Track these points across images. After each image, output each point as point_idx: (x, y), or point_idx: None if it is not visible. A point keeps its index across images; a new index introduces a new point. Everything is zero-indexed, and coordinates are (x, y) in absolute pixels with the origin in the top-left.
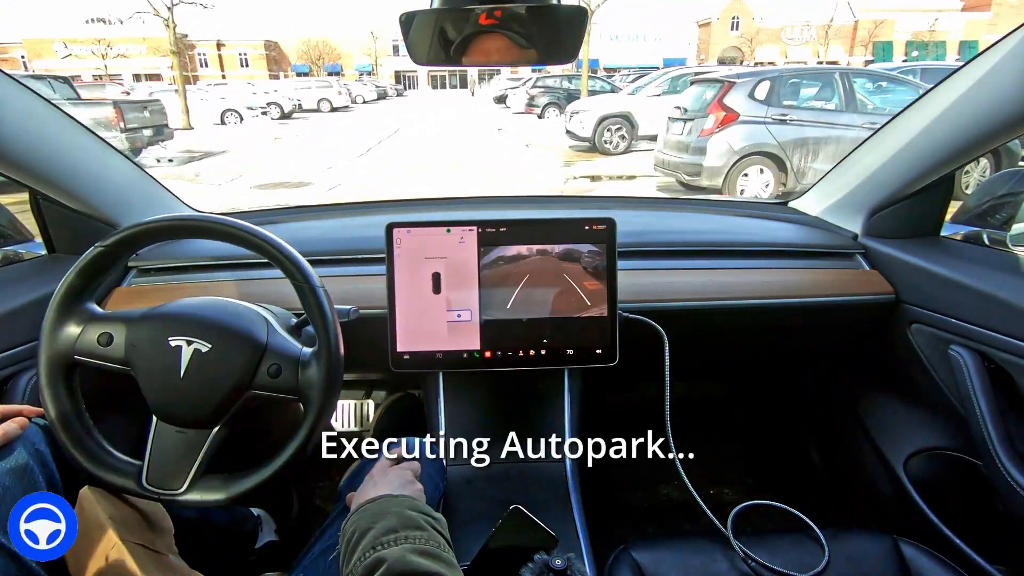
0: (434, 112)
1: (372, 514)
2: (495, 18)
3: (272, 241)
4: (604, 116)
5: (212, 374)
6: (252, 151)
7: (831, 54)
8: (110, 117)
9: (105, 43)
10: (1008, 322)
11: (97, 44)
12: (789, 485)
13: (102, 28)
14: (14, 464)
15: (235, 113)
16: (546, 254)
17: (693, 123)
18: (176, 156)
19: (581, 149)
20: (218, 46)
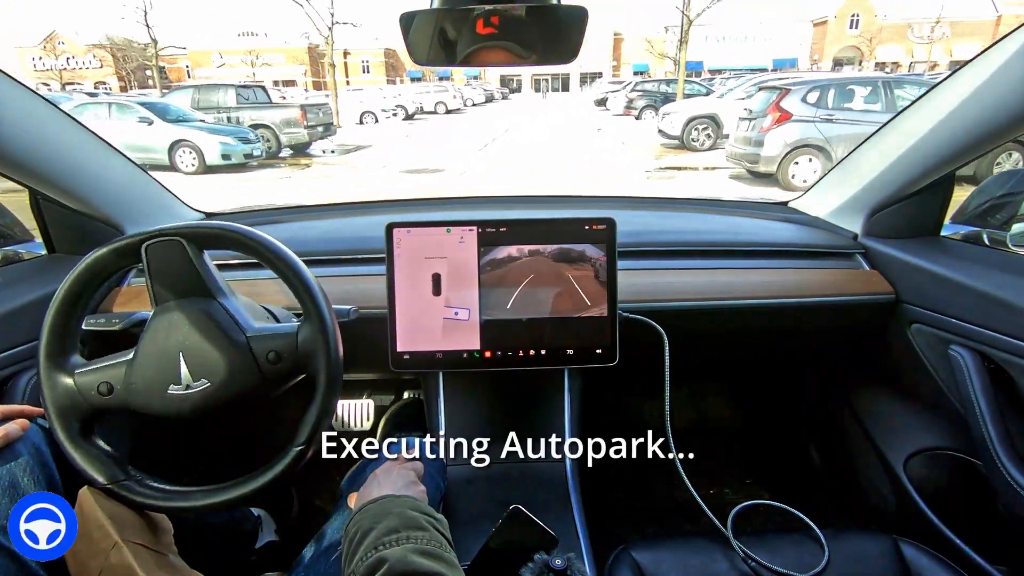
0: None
1: (374, 514)
2: (493, 26)
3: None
4: (692, 117)
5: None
6: (389, 146)
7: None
8: (297, 116)
9: (254, 54)
10: (1008, 322)
11: (247, 55)
12: (789, 485)
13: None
14: (14, 464)
15: (371, 114)
16: (546, 254)
17: (756, 121)
18: (336, 148)
19: (671, 146)
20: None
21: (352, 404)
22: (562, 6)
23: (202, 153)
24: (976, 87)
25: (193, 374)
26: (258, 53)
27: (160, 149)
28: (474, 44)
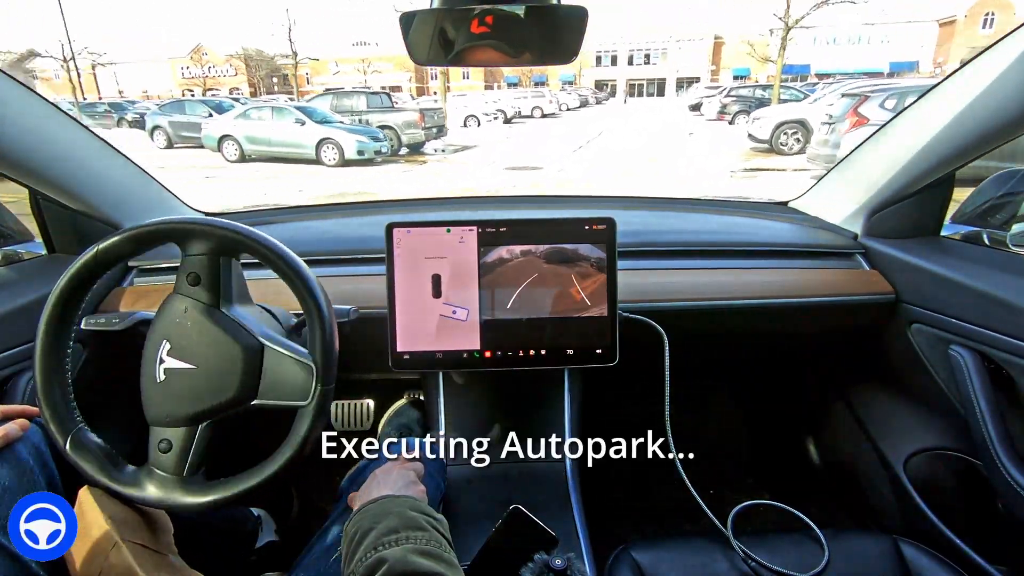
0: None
1: (374, 515)
2: (487, 25)
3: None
4: (781, 122)
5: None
6: (491, 146)
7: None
8: (416, 119)
9: (366, 62)
10: (1008, 322)
11: (360, 63)
12: (789, 485)
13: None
14: (14, 464)
15: (474, 118)
16: (546, 254)
17: (835, 126)
18: (446, 148)
19: (760, 150)
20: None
21: (352, 404)
22: (562, 6)
23: (342, 149)
24: (976, 87)
25: (176, 355)
26: (370, 61)
27: (309, 146)
28: (473, 44)
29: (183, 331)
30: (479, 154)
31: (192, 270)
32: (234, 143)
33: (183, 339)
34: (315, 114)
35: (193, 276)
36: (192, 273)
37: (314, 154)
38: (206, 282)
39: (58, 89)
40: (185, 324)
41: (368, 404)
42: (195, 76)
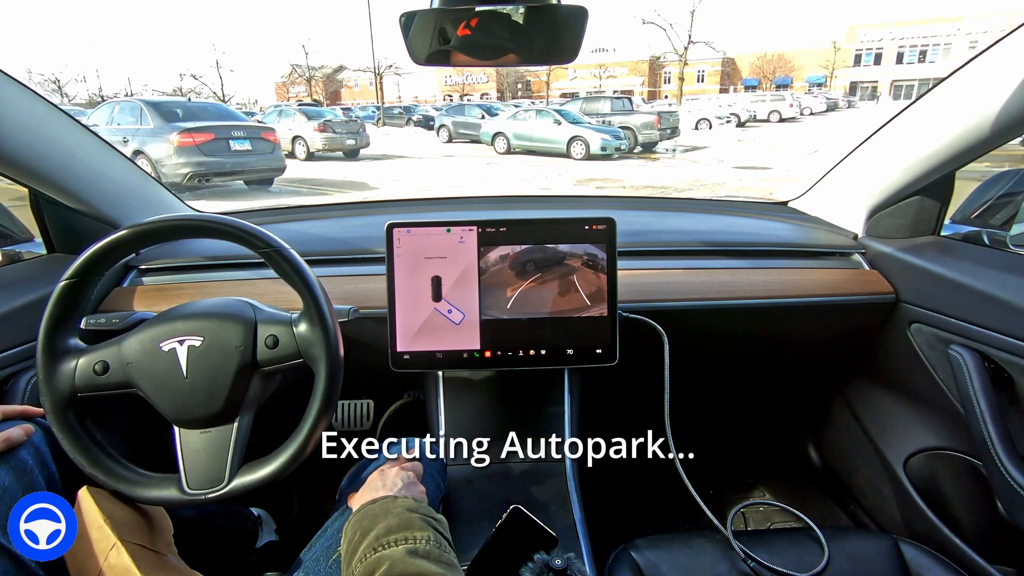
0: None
1: (374, 515)
2: (487, 25)
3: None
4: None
5: (213, 365)
6: (722, 148)
7: None
8: (653, 121)
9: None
10: (1008, 322)
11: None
12: (789, 485)
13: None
14: (14, 464)
15: (706, 121)
16: (546, 254)
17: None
18: (677, 147)
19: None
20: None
21: (352, 404)
22: (562, 6)
23: (588, 145)
24: (976, 87)
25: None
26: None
27: (561, 142)
28: (473, 44)
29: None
30: (710, 154)
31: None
32: (504, 139)
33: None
34: (568, 115)
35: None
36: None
37: (565, 149)
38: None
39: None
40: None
41: (368, 404)
42: (456, 83)
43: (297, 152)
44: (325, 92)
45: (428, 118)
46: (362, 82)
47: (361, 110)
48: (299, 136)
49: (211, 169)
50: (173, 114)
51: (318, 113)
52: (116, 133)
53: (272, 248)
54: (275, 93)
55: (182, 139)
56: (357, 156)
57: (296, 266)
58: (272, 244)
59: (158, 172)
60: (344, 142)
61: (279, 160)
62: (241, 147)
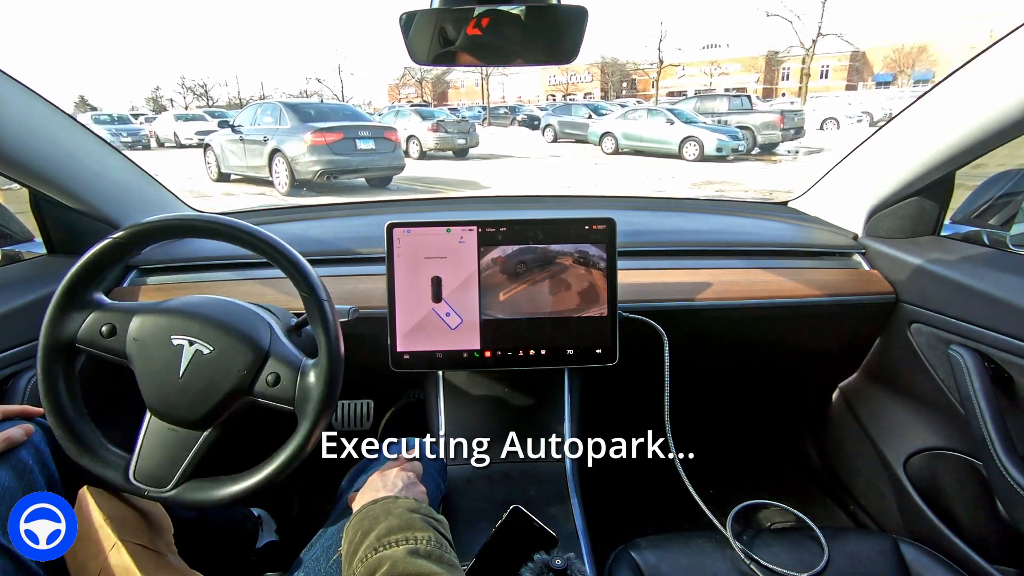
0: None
1: (374, 516)
2: (487, 25)
3: (280, 247)
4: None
5: (211, 376)
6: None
7: None
8: (775, 120)
9: (715, 64)
10: (1008, 322)
11: (708, 65)
12: (789, 485)
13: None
14: (14, 464)
15: (833, 120)
16: (546, 254)
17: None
18: (800, 149)
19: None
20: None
21: (352, 404)
22: (562, 6)
23: (703, 146)
24: (977, 87)
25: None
26: (718, 63)
27: (673, 142)
28: (473, 44)
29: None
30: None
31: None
32: (612, 138)
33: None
34: (682, 115)
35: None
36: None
37: (677, 150)
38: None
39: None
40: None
41: (368, 404)
42: (559, 83)
43: (411, 151)
44: (433, 93)
45: (533, 118)
46: (468, 83)
47: (468, 110)
48: (413, 135)
49: (339, 167)
50: (308, 114)
51: (431, 113)
52: (258, 132)
53: (276, 250)
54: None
55: (315, 138)
56: (466, 155)
57: (298, 265)
58: (276, 246)
59: (292, 169)
60: (455, 141)
61: (399, 159)
62: (366, 146)
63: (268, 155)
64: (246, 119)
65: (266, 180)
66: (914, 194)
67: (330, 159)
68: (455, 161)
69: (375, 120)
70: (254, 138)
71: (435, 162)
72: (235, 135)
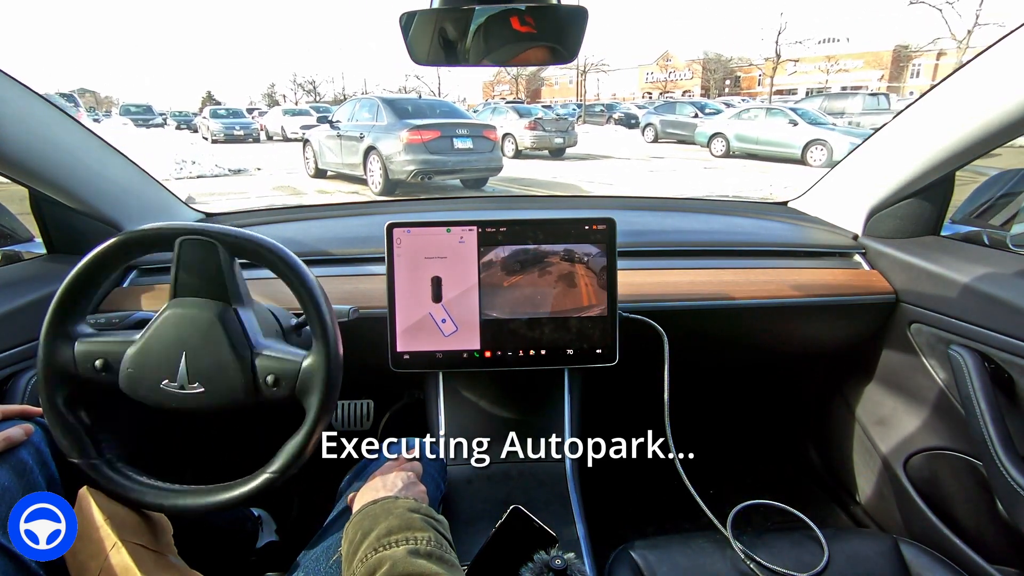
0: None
1: (374, 516)
2: (487, 26)
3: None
4: None
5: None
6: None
7: None
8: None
9: (832, 59)
10: (1008, 322)
11: (824, 61)
12: (789, 485)
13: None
14: (14, 464)
15: None
16: (546, 254)
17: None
18: None
19: None
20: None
21: (352, 404)
22: (563, 6)
23: (832, 151)
24: (976, 87)
25: (191, 376)
26: (837, 59)
27: (796, 146)
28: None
29: (197, 341)
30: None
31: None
32: (723, 140)
33: (198, 351)
34: (807, 115)
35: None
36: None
37: (799, 154)
38: (218, 282)
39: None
40: (199, 332)
41: (368, 404)
42: (657, 80)
43: (506, 150)
44: (527, 90)
45: (630, 116)
46: (562, 80)
47: (562, 108)
48: (509, 133)
49: (434, 167)
50: (405, 111)
51: (528, 111)
52: (355, 129)
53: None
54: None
55: (411, 137)
56: (563, 155)
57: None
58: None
59: (387, 168)
60: (553, 140)
61: (497, 160)
62: (463, 145)
63: (363, 152)
64: (344, 115)
65: (360, 178)
66: (914, 194)
67: (425, 159)
68: (551, 161)
69: (473, 117)
70: (351, 135)
71: (530, 162)
72: (333, 131)
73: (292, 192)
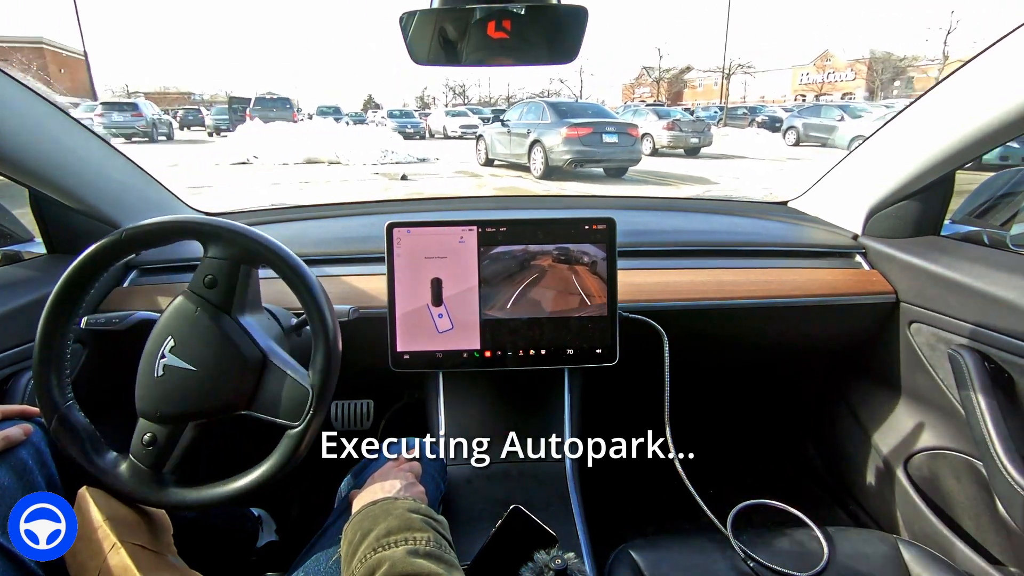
0: None
1: (374, 516)
2: (487, 25)
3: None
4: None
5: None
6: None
7: None
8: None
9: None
10: (1008, 322)
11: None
12: (789, 485)
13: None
14: (14, 464)
15: None
16: (546, 254)
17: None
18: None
19: None
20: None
21: (352, 404)
22: (563, 5)
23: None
24: (976, 87)
25: (182, 355)
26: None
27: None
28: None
29: (190, 331)
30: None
31: (210, 273)
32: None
33: (188, 339)
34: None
35: (211, 279)
36: (210, 276)
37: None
38: (222, 287)
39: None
40: (193, 325)
41: (368, 404)
42: (812, 82)
43: (643, 147)
44: (668, 93)
45: (775, 119)
46: (706, 82)
47: (703, 110)
48: (647, 133)
49: (586, 157)
50: (564, 112)
51: (667, 112)
52: (523, 126)
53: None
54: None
55: (569, 132)
56: (697, 154)
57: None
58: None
59: (548, 157)
60: (688, 140)
61: (637, 152)
62: (610, 140)
63: (529, 145)
64: (513, 115)
65: (523, 166)
66: (914, 194)
67: (579, 150)
68: (685, 159)
69: (617, 117)
70: (519, 131)
71: (666, 159)
72: (503, 128)
73: (471, 175)
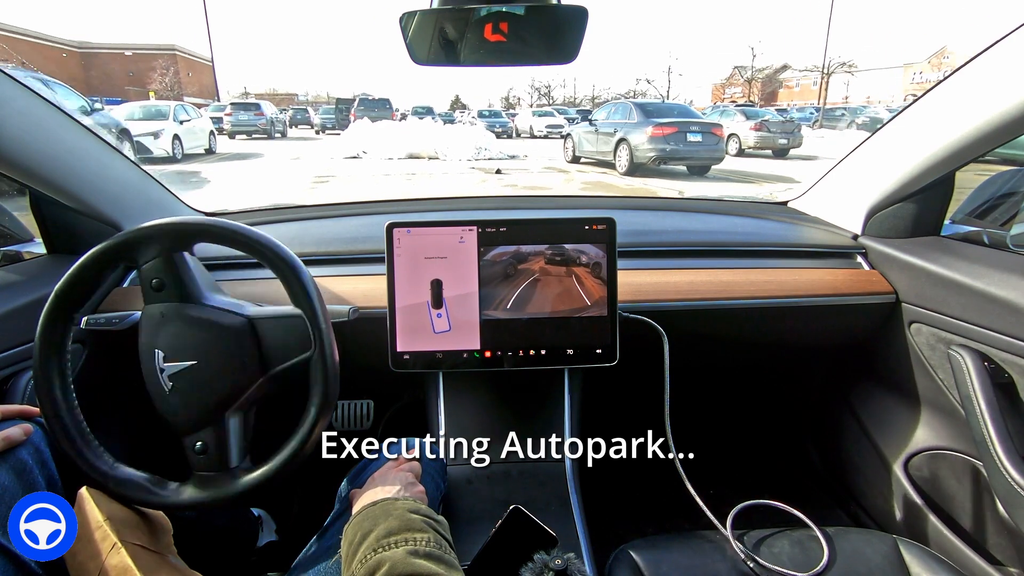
0: None
1: (374, 516)
2: (488, 25)
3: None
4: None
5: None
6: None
7: None
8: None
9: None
10: (1008, 322)
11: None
12: (789, 485)
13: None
14: (14, 464)
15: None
16: (546, 254)
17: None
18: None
19: None
20: None
21: (352, 404)
22: (563, 6)
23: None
24: (976, 87)
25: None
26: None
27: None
28: (479, 47)
29: (170, 334)
30: None
31: (153, 277)
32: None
33: (173, 341)
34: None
35: (157, 282)
36: (155, 279)
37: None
38: (169, 282)
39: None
40: (168, 326)
41: (368, 404)
42: (927, 80)
43: (729, 148)
44: (762, 93)
45: (876, 120)
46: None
47: (798, 111)
48: (734, 134)
49: (669, 155)
50: (650, 112)
51: (756, 113)
52: (610, 126)
53: (271, 251)
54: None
55: (655, 131)
56: (786, 155)
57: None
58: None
59: (632, 154)
60: (776, 141)
61: (720, 152)
62: (694, 139)
63: (615, 143)
64: (601, 115)
65: (608, 163)
66: (914, 194)
67: (663, 148)
68: (772, 160)
69: (702, 117)
70: (606, 130)
71: (752, 159)
72: (591, 127)
73: (559, 171)
